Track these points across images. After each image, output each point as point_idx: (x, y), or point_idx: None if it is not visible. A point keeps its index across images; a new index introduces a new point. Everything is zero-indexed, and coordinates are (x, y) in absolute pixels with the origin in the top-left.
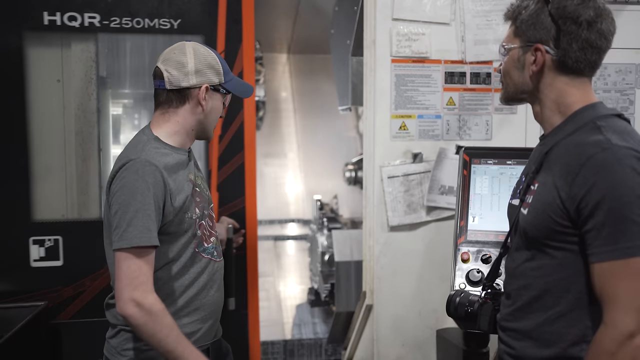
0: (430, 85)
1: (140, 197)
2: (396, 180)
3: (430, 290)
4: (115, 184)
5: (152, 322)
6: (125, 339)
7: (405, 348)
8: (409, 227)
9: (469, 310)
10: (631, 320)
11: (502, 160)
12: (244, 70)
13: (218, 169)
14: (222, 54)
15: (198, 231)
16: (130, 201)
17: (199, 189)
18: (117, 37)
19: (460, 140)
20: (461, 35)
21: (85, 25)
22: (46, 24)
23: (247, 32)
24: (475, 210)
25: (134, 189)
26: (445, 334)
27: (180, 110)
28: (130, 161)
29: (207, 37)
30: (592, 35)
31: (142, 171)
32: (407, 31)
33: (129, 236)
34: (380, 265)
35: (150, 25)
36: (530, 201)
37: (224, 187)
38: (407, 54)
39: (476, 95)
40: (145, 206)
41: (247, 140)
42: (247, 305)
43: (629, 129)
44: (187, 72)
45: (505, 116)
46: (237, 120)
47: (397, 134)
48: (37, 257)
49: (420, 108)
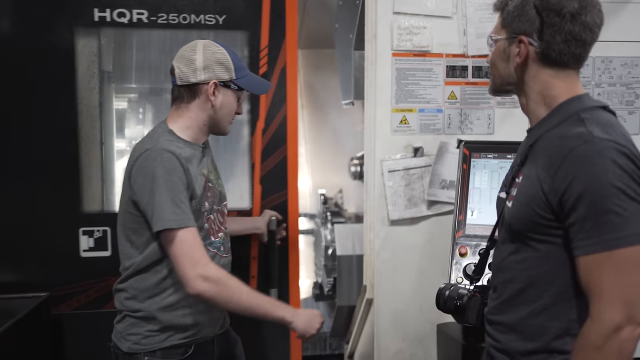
0: (431, 79)
1: (164, 181)
2: (397, 174)
3: (430, 285)
4: (135, 174)
5: (223, 290)
6: (129, 324)
7: (405, 342)
8: (410, 221)
9: (457, 304)
10: (617, 312)
11: (502, 154)
12: (287, 65)
13: (261, 162)
14: (266, 49)
15: (205, 224)
16: (156, 187)
17: (212, 184)
18: (164, 33)
19: (461, 135)
20: (463, 28)
21: (134, 22)
22: (96, 20)
23: (290, 27)
24: (474, 205)
25: (158, 174)
26: (446, 329)
27: (192, 105)
28: (147, 150)
29: (251, 32)
30: (576, 28)
31: (160, 158)
32: (408, 25)
33: (168, 218)
34: (380, 259)
35: (196, 21)
36: (515, 194)
37: (266, 180)
38: (408, 47)
39: (478, 89)
40: (172, 190)
41: (289, 134)
42: (289, 297)
43: (613, 121)
44: (195, 68)
45: (508, 110)
46: (280, 114)
47: (398, 128)
48: (86, 247)
49: (422, 102)
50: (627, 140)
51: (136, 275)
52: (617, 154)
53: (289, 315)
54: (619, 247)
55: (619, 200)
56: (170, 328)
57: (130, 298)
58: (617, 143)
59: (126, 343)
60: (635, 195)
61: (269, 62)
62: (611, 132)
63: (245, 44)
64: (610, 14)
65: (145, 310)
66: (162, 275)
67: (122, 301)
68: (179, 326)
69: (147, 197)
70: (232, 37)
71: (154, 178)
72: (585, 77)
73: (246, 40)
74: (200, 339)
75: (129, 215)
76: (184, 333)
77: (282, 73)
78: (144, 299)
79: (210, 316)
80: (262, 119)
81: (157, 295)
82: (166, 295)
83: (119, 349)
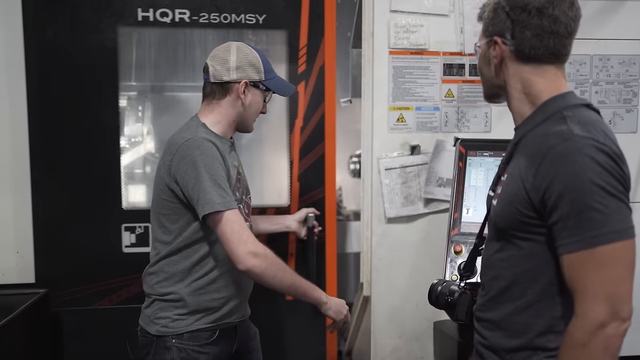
0: (428, 77)
1: (208, 168)
2: (393, 172)
3: (427, 282)
4: (177, 162)
5: (271, 265)
6: (158, 308)
7: (402, 339)
8: (406, 219)
9: (448, 300)
10: (601, 309)
11: (498, 153)
12: (325, 64)
13: (299, 159)
14: (304, 48)
15: None
16: (200, 173)
17: (241, 175)
18: (204, 32)
19: (459, 133)
20: (460, 26)
21: (176, 21)
22: (140, 20)
23: (328, 27)
24: (469, 202)
25: (201, 161)
26: (442, 326)
27: (223, 102)
28: (189, 139)
29: (291, 31)
30: (545, 22)
31: (202, 147)
32: (405, 23)
33: (215, 201)
34: (377, 256)
35: (236, 20)
36: (500, 192)
37: (304, 177)
38: (405, 45)
39: (475, 87)
40: (215, 175)
41: (327, 132)
42: (326, 291)
43: (594, 118)
44: (229, 67)
45: (505, 108)
46: (318, 112)
47: (395, 126)
48: (128, 243)
49: (419, 100)
50: (607, 138)
51: (167, 258)
52: (595, 151)
53: (324, 297)
54: (600, 243)
55: (599, 197)
56: (198, 312)
57: (161, 281)
58: (596, 141)
59: (154, 326)
60: (615, 192)
61: (308, 60)
62: (591, 130)
63: (285, 43)
64: (608, 11)
65: (175, 293)
66: (194, 259)
67: (152, 285)
68: (206, 309)
69: (193, 183)
70: (272, 36)
71: (198, 165)
72: (582, 75)
73: (285, 39)
74: (225, 325)
75: (164, 201)
76: (211, 316)
77: (321, 72)
78: (174, 282)
79: (236, 302)
80: (301, 117)
81: (187, 279)
82: (196, 278)
83: (148, 332)
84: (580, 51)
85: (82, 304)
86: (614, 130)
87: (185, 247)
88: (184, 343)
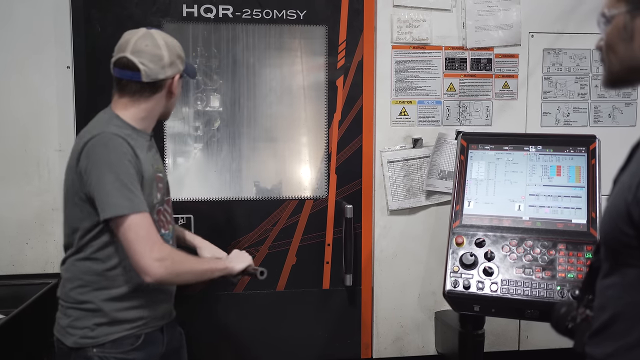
0: (430, 71)
1: (115, 166)
2: (396, 164)
3: (428, 274)
4: (84, 160)
5: (175, 264)
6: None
7: (404, 329)
8: (409, 211)
9: (568, 326)
10: None
11: (499, 146)
12: (364, 59)
13: (337, 152)
14: (344, 43)
15: (155, 216)
16: (106, 172)
17: (162, 174)
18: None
19: (460, 126)
20: (462, 21)
21: (220, 17)
22: (184, 16)
23: (367, 22)
24: (471, 195)
25: (107, 159)
26: (443, 316)
27: (153, 98)
28: (96, 136)
29: (330, 27)
30: None
31: (110, 143)
32: (407, 17)
33: (119, 204)
34: (379, 248)
35: (278, 16)
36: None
37: (341, 169)
38: (407, 40)
39: (477, 81)
40: (123, 174)
41: (365, 126)
42: (361, 281)
43: None
44: (163, 65)
45: (506, 102)
46: (356, 106)
47: (398, 120)
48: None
49: (421, 94)
50: None
51: (80, 262)
52: None
53: (224, 261)
54: None
55: None
56: (119, 321)
57: (76, 287)
58: None
59: (71, 338)
60: None
61: (347, 55)
62: None
63: (324, 38)
64: None
65: (92, 302)
66: (109, 265)
67: (67, 292)
68: (127, 319)
69: (96, 183)
70: (312, 31)
71: (104, 163)
72: (582, 69)
73: (325, 34)
74: (150, 328)
75: (74, 202)
76: (133, 324)
77: (359, 66)
78: (90, 290)
79: (160, 306)
80: (339, 111)
81: (104, 287)
82: (114, 285)
83: (63, 343)
84: (580, 45)
85: None
86: (611, 124)
87: (99, 251)
88: (106, 352)
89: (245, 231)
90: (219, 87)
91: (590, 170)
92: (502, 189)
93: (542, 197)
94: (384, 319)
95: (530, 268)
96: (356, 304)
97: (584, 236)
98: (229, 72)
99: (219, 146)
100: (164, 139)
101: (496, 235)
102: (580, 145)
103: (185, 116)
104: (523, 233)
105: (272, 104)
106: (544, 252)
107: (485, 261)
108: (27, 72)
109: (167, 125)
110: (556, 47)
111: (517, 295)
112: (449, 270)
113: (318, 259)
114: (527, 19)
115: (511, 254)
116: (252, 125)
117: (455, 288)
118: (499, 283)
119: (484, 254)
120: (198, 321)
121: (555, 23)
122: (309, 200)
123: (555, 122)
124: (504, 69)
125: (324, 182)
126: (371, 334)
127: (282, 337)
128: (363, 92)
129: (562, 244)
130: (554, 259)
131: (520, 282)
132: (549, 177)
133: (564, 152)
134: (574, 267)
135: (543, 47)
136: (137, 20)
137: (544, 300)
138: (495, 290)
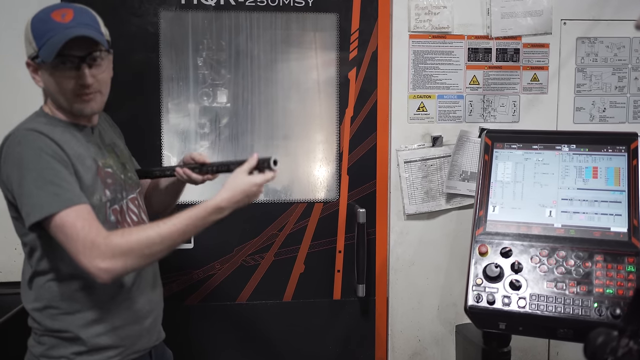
0: (451, 63)
1: (33, 164)
2: (414, 165)
3: (449, 284)
4: (3, 167)
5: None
6: (49, 347)
7: (422, 344)
8: (427, 215)
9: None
10: None
11: (528, 145)
12: (379, 48)
13: (349, 151)
14: (356, 33)
15: (112, 217)
16: (23, 173)
17: (111, 170)
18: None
19: (484, 123)
20: (487, 7)
21: (221, 4)
22: (183, 4)
23: (382, 10)
24: (496, 199)
25: (25, 159)
26: (465, 330)
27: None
28: (10, 136)
29: (342, 14)
30: None
31: (25, 139)
32: (427, 4)
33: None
34: (395, 255)
35: (285, 3)
36: None
37: (354, 170)
38: (426, 28)
39: (502, 73)
40: (45, 170)
41: (379, 122)
42: (375, 292)
43: None
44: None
45: (535, 96)
46: (370, 101)
47: (415, 116)
48: None
49: (441, 87)
50: None
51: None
52: None
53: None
54: None
55: None
56: (100, 348)
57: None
58: None
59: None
60: None
61: (360, 46)
62: None
63: (335, 27)
64: None
65: (68, 331)
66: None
67: (38, 319)
68: (108, 344)
69: (17, 187)
70: (322, 19)
71: (21, 163)
72: (621, 59)
73: (336, 23)
74: (136, 353)
75: (14, 217)
76: (116, 350)
77: (374, 58)
78: (61, 314)
79: (144, 325)
80: (351, 106)
81: (75, 310)
82: (86, 308)
83: None
84: (619, 34)
85: None
86: None
87: (51, 266)
88: None
89: (250, 237)
90: (225, 82)
91: (631, 172)
92: (531, 192)
93: (576, 202)
94: (399, 333)
95: (563, 282)
96: (370, 316)
97: (625, 246)
98: (232, 64)
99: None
100: (161, 136)
101: (524, 245)
102: (619, 144)
103: (192, 112)
104: (555, 242)
105: (280, 99)
106: (578, 263)
107: (512, 273)
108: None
109: (166, 122)
110: (591, 36)
111: (548, 312)
112: (471, 283)
113: (328, 267)
114: (558, 5)
115: (541, 266)
116: (257, 122)
117: (478, 303)
118: (527, 298)
119: (511, 265)
120: (197, 333)
121: (590, 9)
122: (319, 203)
123: (590, 119)
124: (532, 59)
125: (335, 184)
126: (386, 349)
127: (289, 351)
128: (377, 85)
129: (600, 255)
130: (590, 272)
131: (551, 298)
132: (584, 180)
133: (601, 151)
134: (613, 281)
135: (576, 36)
136: (130, 7)
137: (579, 319)
138: (524, 307)
